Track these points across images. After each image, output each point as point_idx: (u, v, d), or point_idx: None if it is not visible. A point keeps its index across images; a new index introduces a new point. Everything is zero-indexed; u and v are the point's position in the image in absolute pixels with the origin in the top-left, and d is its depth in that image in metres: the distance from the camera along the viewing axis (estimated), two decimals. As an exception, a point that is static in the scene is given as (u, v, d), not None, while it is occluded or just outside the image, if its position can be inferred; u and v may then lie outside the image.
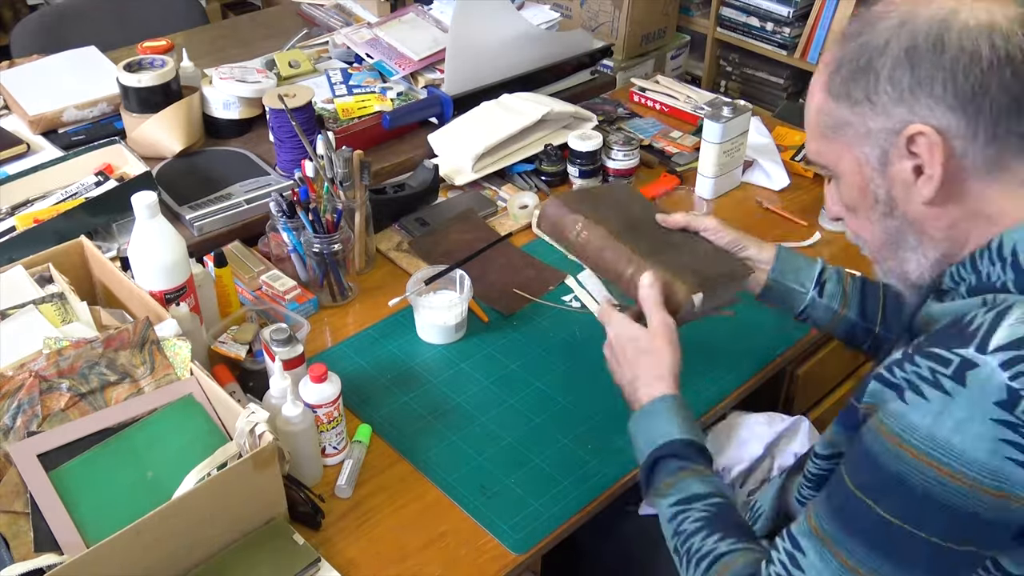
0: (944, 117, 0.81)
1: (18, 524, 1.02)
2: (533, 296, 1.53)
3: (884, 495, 0.81)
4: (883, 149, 0.86)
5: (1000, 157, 0.82)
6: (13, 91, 1.88)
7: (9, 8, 3.79)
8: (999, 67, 0.79)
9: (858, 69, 0.85)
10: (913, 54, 0.81)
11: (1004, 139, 0.81)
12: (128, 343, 1.16)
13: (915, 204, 0.87)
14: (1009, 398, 0.73)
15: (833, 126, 0.90)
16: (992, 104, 0.80)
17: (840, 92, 0.88)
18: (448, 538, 1.14)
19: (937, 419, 0.76)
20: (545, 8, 2.18)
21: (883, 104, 0.84)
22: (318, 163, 1.50)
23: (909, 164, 0.85)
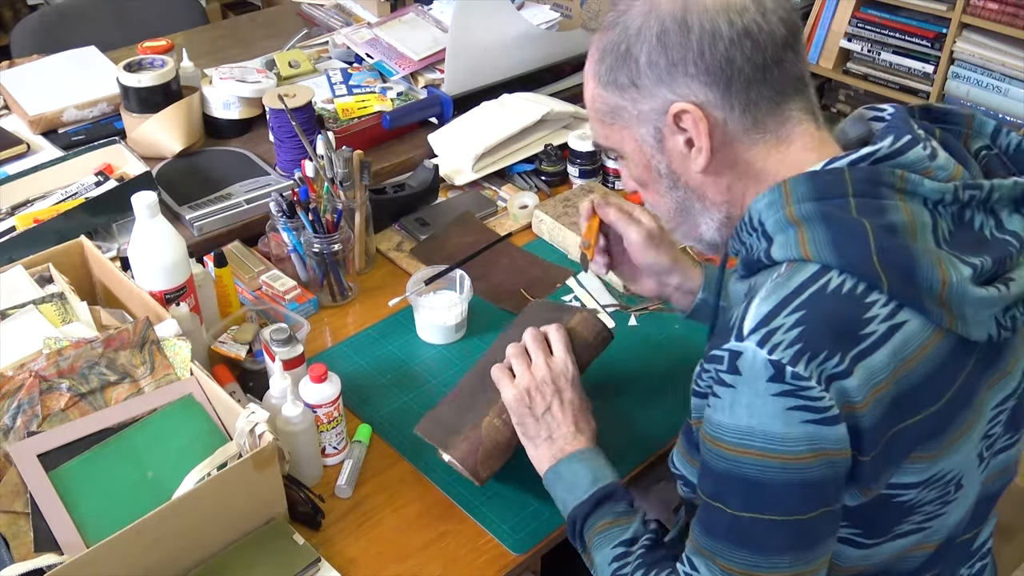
0: (701, 92, 0.87)
1: (18, 524, 1.02)
2: (541, 294, 1.53)
3: (726, 494, 0.86)
4: (656, 128, 0.92)
5: (756, 121, 0.89)
6: (13, 91, 1.88)
7: (9, 8, 3.79)
8: (739, 40, 0.85)
9: (619, 57, 0.91)
10: (664, 38, 0.87)
11: (756, 103, 0.88)
12: (128, 343, 1.16)
13: (693, 174, 0.93)
14: (776, 371, 0.79)
15: (609, 112, 0.95)
16: (740, 74, 0.86)
17: (608, 80, 0.93)
18: (448, 538, 1.14)
19: (733, 411, 0.83)
20: (545, 8, 2.18)
21: (647, 87, 0.90)
22: (318, 163, 1.50)
23: (681, 139, 0.91)
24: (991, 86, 3.09)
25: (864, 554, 0.94)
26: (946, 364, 0.84)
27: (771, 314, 0.81)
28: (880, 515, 0.91)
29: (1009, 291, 0.83)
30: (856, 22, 3.30)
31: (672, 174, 0.95)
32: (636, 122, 0.93)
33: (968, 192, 0.85)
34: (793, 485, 0.82)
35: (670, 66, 0.88)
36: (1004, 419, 0.95)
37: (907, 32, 3.20)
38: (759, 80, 0.87)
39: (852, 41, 3.34)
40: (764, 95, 0.87)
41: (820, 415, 0.80)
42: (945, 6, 3.07)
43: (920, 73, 3.22)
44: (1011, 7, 2.93)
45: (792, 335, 0.79)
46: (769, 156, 0.90)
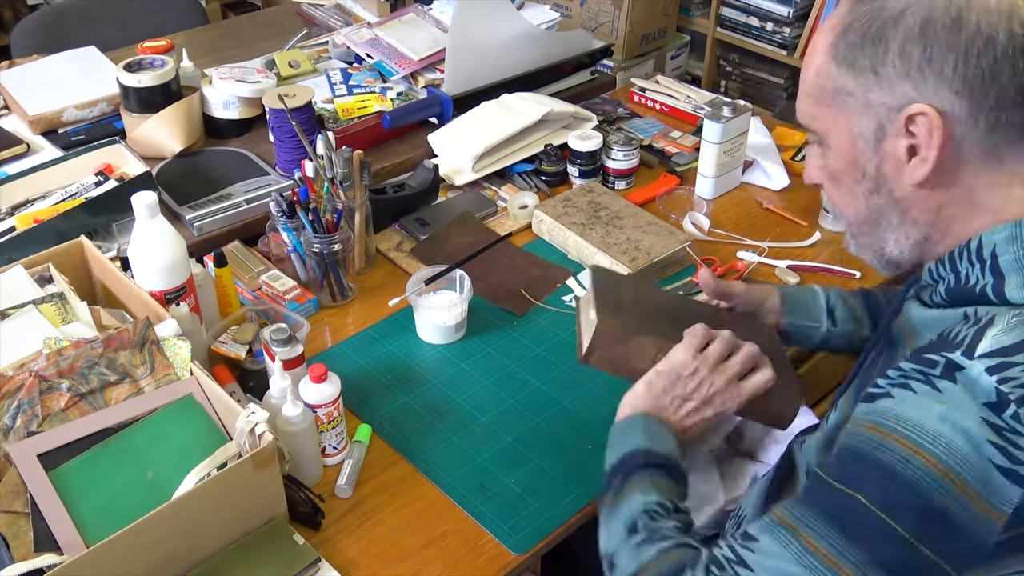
0: (949, 100, 0.79)
1: (18, 524, 1.02)
2: (541, 294, 1.53)
3: (864, 481, 0.77)
4: (880, 124, 0.84)
5: (997, 147, 0.80)
6: (13, 91, 1.88)
7: (9, 8, 3.79)
8: (1014, 55, 0.77)
9: (867, 36, 0.81)
10: (928, 29, 0.78)
11: (1004, 129, 0.79)
12: (128, 343, 1.16)
13: (904, 185, 0.85)
14: (998, 400, 0.72)
15: (832, 92, 0.86)
16: (1001, 93, 0.78)
17: (845, 57, 0.84)
18: (448, 538, 1.14)
19: (925, 411, 0.75)
20: (545, 8, 2.18)
21: (888, 77, 0.81)
22: (318, 163, 1.50)
23: (904, 143, 0.83)
24: (991, 86, 3.09)
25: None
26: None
27: (1014, 348, 0.74)
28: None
29: None
30: (856, 22, 3.30)
31: (879, 178, 0.86)
32: (859, 111, 0.84)
33: None
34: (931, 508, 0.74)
35: (924, 61, 0.78)
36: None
37: (907, 32, 3.20)
38: (1018, 105, 0.78)
39: (852, 41, 3.33)
40: (1015, 122, 0.79)
41: (1012, 465, 0.72)
42: (945, 6, 3.07)
43: (920, 73, 3.22)
44: (1011, 7, 2.93)
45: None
46: (995, 189, 0.82)
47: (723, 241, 1.68)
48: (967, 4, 0.78)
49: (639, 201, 1.75)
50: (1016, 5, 0.77)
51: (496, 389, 1.35)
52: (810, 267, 1.60)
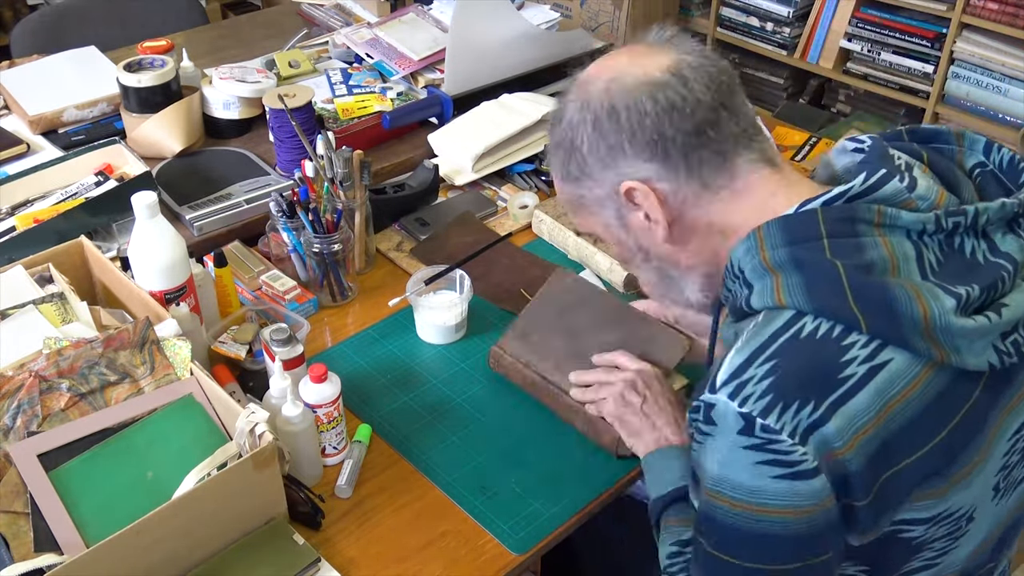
0: (643, 169, 0.90)
1: (18, 524, 1.02)
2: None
3: (704, 530, 0.87)
4: (616, 209, 0.95)
5: (704, 183, 0.90)
6: (13, 91, 1.88)
7: (9, 8, 3.79)
8: (665, 114, 0.88)
9: (567, 150, 0.95)
10: (598, 126, 0.91)
11: (699, 167, 0.89)
12: (128, 343, 1.16)
13: (660, 245, 0.95)
14: (746, 423, 0.79)
15: (576, 202, 0.99)
16: (674, 145, 0.88)
17: (564, 174, 0.97)
18: (448, 538, 1.14)
19: (709, 458, 0.84)
20: (545, 8, 2.18)
21: (595, 174, 0.93)
22: (318, 163, 1.50)
23: (640, 214, 0.94)
24: (991, 86, 3.09)
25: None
26: (943, 398, 0.81)
27: (743, 365, 0.81)
28: (888, 553, 0.89)
29: (1001, 318, 0.81)
30: (856, 22, 3.30)
31: (642, 249, 0.98)
32: (598, 207, 0.97)
33: (952, 219, 0.84)
34: (766, 536, 0.81)
35: (609, 150, 0.91)
36: (1021, 447, 0.92)
37: (907, 32, 3.20)
38: (696, 145, 0.88)
39: (852, 41, 3.33)
40: (705, 157, 0.89)
41: (790, 469, 0.79)
42: (945, 6, 3.07)
43: (920, 73, 3.22)
44: (1011, 7, 2.93)
45: (763, 386, 0.79)
46: (730, 211, 0.91)
47: (723, 241, 1.67)
48: (612, 94, 0.90)
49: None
50: (649, 76, 0.89)
51: (496, 389, 1.35)
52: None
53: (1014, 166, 0.91)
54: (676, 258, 0.97)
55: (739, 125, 0.90)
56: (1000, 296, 0.83)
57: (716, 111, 0.88)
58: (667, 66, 0.90)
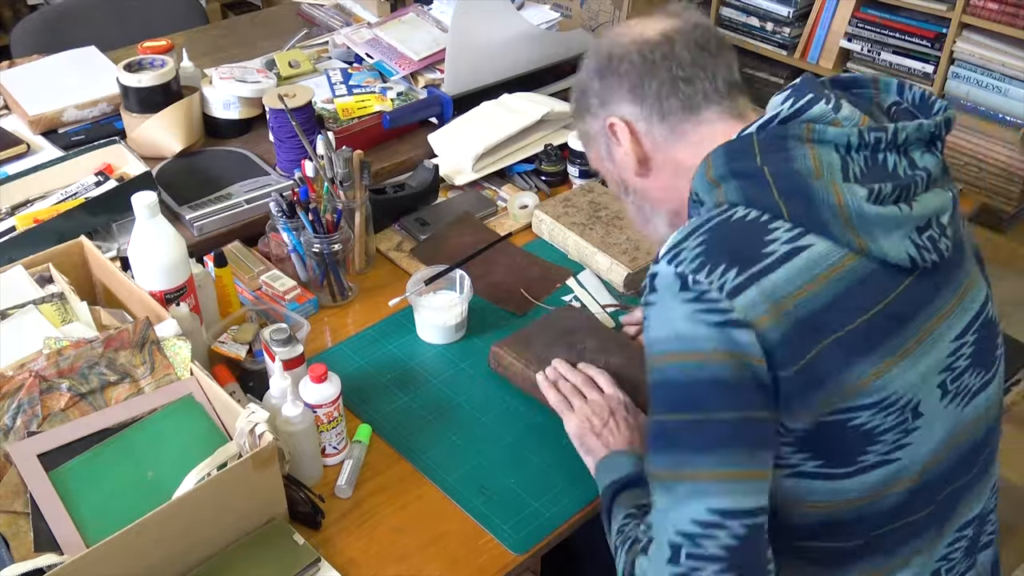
0: (626, 108, 1.07)
1: (18, 524, 1.02)
2: (542, 294, 1.54)
3: (656, 403, 0.94)
4: (606, 143, 1.11)
5: (673, 128, 1.05)
6: (13, 91, 1.88)
7: (9, 8, 3.79)
8: (649, 67, 1.04)
9: (579, 93, 1.13)
10: (600, 71, 1.09)
11: (671, 114, 1.05)
12: (128, 343, 1.16)
13: (632, 178, 1.11)
14: (681, 281, 0.90)
15: (583, 136, 1.16)
16: (651, 92, 1.05)
17: (576, 111, 1.15)
18: (448, 538, 1.14)
19: (656, 325, 0.93)
20: (545, 8, 2.18)
21: (594, 111, 1.11)
22: (318, 163, 1.50)
23: (620, 149, 1.09)
24: (991, 86, 3.09)
25: (832, 488, 0.95)
26: (867, 284, 0.91)
27: (681, 240, 0.93)
28: (839, 442, 0.93)
29: (912, 210, 0.92)
30: (856, 22, 3.30)
31: (623, 181, 1.13)
32: (594, 141, 1.13)
33: (873, 134, 0.94)
34: (708, 382, 0.89)
35: (604, 91, 1.08)
36: (968, 352, 0.99)
37: (907, 32, 3.20)
38: (669, 94, 1.04)
39: (852, 41, 3.34)
40: (675, 107, 1.04)
41: (722, 316, 0.88)
42: (945, 6, 3.07)
43: (920, 73, 3.22)
44: (1011, 7, 2.93)
45: (695, 252, 0.91)
46: (695, 153, 1.02)
47: (723, 241, 1.67)
48: (614, 46, 1.07)
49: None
50: (644, 35, 1.06)
51: (496, 389, 1.35)
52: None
53: (925, 101, 1.02)
54: (647, 192, 1.11)
55: (713, 84, 1.05)
56: (913, 195, 0.94)
57: (692, 69, 1.04)
58: (661, 30, 1.06)
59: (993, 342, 1.04)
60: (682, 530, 0.89)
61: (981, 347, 1.01)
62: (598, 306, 1.51)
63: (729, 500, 0.88)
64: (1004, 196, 3.18)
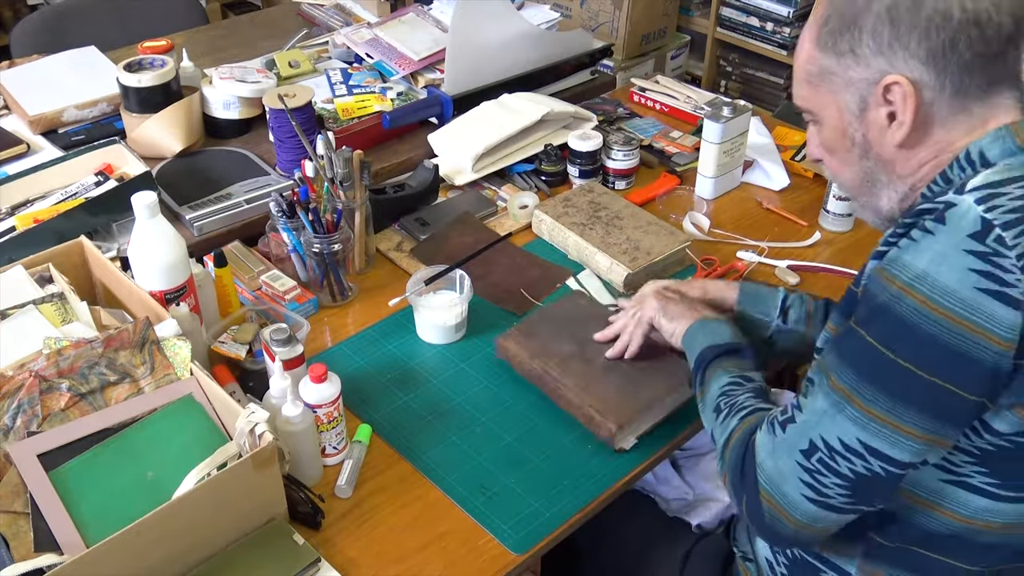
0: (917, 70, 0.90)
1: (18, 524, 1.02)
2: (542, 294, 1.53)
3: (874, 322, 0.87)
4: (862, 96, 0.95)
5: (964, 106, 0.91)
6: (13, 91, 1.88)
7: (9, 8, 3.79)
8: (967, 27, 0.87)
9: (844, 23, 0.94)
10: (894, 12, 0.90)
11: (968, 90, 0.90)
12: (128, 343, 1.16)
13: (888, 147, 0.96)
14: (983, 228, 0.81)
15: (819, 74, 0.98)
16: (959, 60, 0.88)
17: (827, 43, 0.96)
18: (448, 538, 1.14)
19: (918, 253, 0.84)
20: (545, 8, 2.18)
21: (865, 56, 0.92)
22: (318, 163, 1.50)
23: (884, 111, 0.94)
24: (991, 86, 3.09)
25: (988, 507, 0.91)
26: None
27: (1001, 183, 0.84)
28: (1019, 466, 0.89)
29: None
30: (856, 22, 3.30)
31: (866, 143, 0.97)
32: (844, 88, 0.96)
33: None
34: (942, 346, 0.82)
35: (893, 39, 0.90)
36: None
37: (907, 32, 3.20)
38: (977, 68, 0.89)
39: (852, 41, 3.33)
40: (977, 83, 0.90)
41: (1000, 288, 0.80)
42: (945, 6, 3.07)
43: (920, 73, 3.22)
44: (1011, 7, 2.93)
45: (1016, 204, 0.81)
46: (968, 135, 0.92)
47: (723, 241, 1.68)
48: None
49: (639, 201, 1.75)
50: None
51: (496, 389, 1.35)
52: (810, 267, 1.60)
53: None
54: (895, 164, 0.97)
55: (1018, 65, 0.91)
56: None
57: (1008, 44, 0.89)
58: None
59: None
60: (829, 441, 0.89)
61: None
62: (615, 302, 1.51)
63: (884, 444, 0.87)
64: (1004, 196, 3.18)
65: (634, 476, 1.23)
